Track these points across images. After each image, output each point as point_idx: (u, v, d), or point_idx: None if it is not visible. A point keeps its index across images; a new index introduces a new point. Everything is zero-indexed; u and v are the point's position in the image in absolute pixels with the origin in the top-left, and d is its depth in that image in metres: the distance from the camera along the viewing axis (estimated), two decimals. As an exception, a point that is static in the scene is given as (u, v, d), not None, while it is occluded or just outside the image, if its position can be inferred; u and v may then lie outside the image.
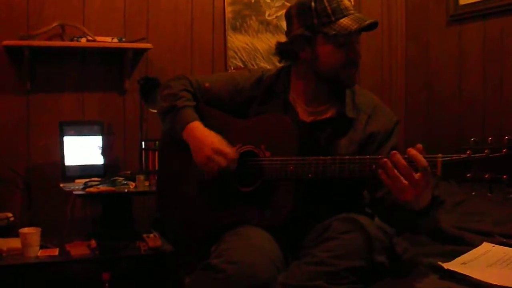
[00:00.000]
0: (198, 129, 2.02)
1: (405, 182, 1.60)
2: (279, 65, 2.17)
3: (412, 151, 1.62)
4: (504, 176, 1.51)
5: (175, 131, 2.08)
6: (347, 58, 1.93)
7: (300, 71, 2.04)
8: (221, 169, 1.95)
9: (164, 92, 2.17)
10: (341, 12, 1.90)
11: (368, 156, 1.77)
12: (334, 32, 1.88)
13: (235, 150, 1.97)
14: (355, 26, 1.87)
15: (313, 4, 1.91)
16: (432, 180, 1.63)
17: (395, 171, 1.62)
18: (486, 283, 1.62)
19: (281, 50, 2.06)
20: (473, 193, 1.61)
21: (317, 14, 1.90)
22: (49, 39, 3.17)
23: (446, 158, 1.59)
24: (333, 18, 1.89)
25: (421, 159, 1.60)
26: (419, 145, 1.65)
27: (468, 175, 1.56)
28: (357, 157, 1.77)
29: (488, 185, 1.55)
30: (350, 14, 1.91)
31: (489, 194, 1.55)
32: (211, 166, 1.96)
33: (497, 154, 1.53)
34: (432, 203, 1.72)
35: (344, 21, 1.89)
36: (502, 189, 1.55)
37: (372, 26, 1.91)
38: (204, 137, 1.99)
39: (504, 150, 1.51)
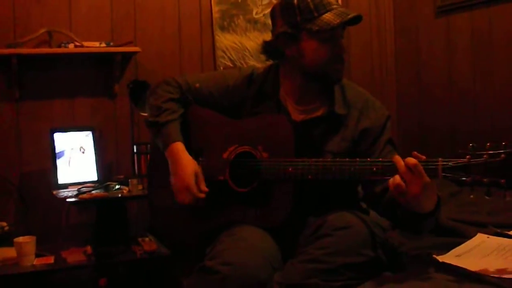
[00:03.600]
0: (178, 152, 2.02)
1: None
2: (268, 63, 2.17)
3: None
4: (502, 180, 1.55)
5: (159, 146, 2.09)
6: (332, 53, 1.93)
7: (288, 69, 2.03)
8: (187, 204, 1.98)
9: (150, 101, 2.16)
10: (324, 7, 1.89)
11: (368, 159, 1.78)
12: (317, 28, 1.88)
13: (204, 189, 1.98)
14: (338, 21, 1.87)
15: (296, 1, 1.91)
16: (433, 185, 1.65)
17: (410, 173, 1.63)
18: (481, 274, 1.63)
19: (267, 48, 2.06)
20: (471, 196, 1.62)
21: (300, 11, 1.90)
22: (37, 46, 3.15)
23: (446, 163, 1.61)
24: (315, 14, 1.89)
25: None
26: (415, 153, 1.66)
27: (467, 179, 1.59)
28: (357, 159, 1.78)
29: (486, 189, 1.58)
30: (333, 9, 1.90)
31: (487, 198, 1.58)
32: (178, 197, 2.00)
33: (495, 159, 1.56)
34: (437, 206, 1.73)
35: (327, 16, 1.88)
36: (500, 193, 1.56)
37: (356, 20, 1.91)
38: (181, 164, 1.99)
39: (502, 155, 1.55)
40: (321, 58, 1.93)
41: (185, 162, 1.99)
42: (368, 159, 1.78)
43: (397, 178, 1.64)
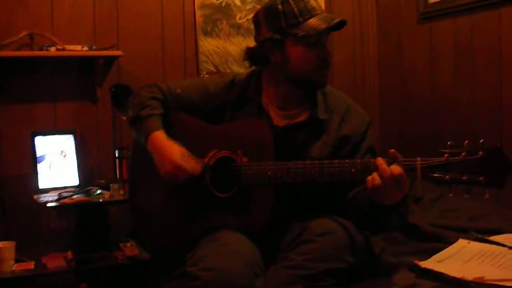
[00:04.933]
0: (159, 140, 1.99)
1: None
2: (251, 69, 2.16)
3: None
4: (481, 178, 1.56)
5: (141, 142, 2.06)
6: (318, 58, 1.93)
7: (271, 75, 2.03)
8: (181, 184, 1.95)
9: (133, 101, 2.15)
10: (309, 12, 1.90)
11: (347, 160, 1.78)
12: (303, 33, 1.88)
13: (197, 164, 1.95)
14: (324, 25, 1.87)
15: (280, 6, 1.91)
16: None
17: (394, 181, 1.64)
18: (463, 280, 1.63)
19: (251, 55, 2.05)
20: (451, 195, 1.63)
21: (285, 16, 1.90)
22: (18, 49, 3.11)
23: (425, 162, 1.61)
24: (301, 19, 1.89)
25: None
26: (392, 151, 1.67)
27: (446, 177, 1.61)
28: (336, 161, 1.78)
29: (466, 187, 1.58)
30: (317, 14, 1.90)
31: (466, 196, 1.59)
32: (171, 181, 1.96)
33: (473, 157, 1.57)
34: (403, 199, 1.74)
35: (312, 21, 1.89)
36: (478, 191, 1.57)
37: (341, 24, 1.91)
38: (165, 149, 1.96)
39: (480, 153, 1.56)
40: (306, 63, 1.93)
41: (169, 146, 1.96)
42: (347, 160, 1.78)
43: (376, 179, 1.64)
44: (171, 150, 1.95)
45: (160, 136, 2.00)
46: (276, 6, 1.92)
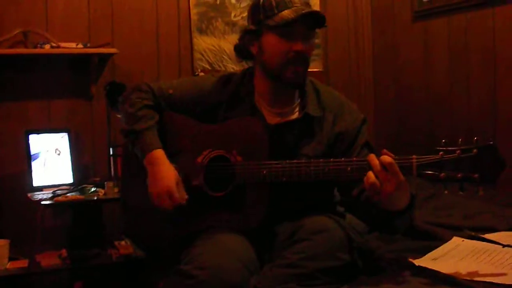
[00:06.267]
0: (159, 159, 1.97)
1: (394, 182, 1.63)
2: (246, 66, 2.16)
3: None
4: (475, 175, 1.57)
5: (136, 154, 2.04)
6: (290, 51, 1.90)
7: (259, 71, 2.03)
8: (165, 208, 1.95)
9: (124, 108, 2.11)
10: (285, 4, 1.90)
11: (343, 159, 1.77)
12: (274, 23, 1.90)
13: (185, 194, 1.95)
14: (292, 15, 1.87)
15: (261, 0, 1.94)
16: (406, 183, 1.66)
17: (385, 172, 1.63)
18: (457, 278, 1.64)
19: (237, 49, 2.08)
20: (446, 192, 1.64)
21: (264, 9, 1.93)
22: (12, 46, 3.10)
23: (421, 160, 1.62)
24: (276, 11, 1.90)
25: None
26: (384, 151, 1.67)
27: (441, 175, 1.61)
28: (331, 159, 1.77)
29: (460, 184, 1.60)
30: (293, 6, 1.90)
31: (461, 193, 1.60)
32: (159, 203, 1.95)
33: (468, 155, 1.58)
34: (410, 203, 1.74)
35: (285, 12, 1.89)
36: (473, 187, 1.58)
37: (318, 18, 1.92)
38: (163, 172, 1.94)
39: (474, 151, 1.57)
40: (278, 54, 1.92)
41: (167, 170, 1.95)
42: (343, 158, 1.78)
43: (371, 176, 1.64)
44: (168, 175, 1.94)
45: (159, 155, 1.98)
46: (259, 1, 1.95)
